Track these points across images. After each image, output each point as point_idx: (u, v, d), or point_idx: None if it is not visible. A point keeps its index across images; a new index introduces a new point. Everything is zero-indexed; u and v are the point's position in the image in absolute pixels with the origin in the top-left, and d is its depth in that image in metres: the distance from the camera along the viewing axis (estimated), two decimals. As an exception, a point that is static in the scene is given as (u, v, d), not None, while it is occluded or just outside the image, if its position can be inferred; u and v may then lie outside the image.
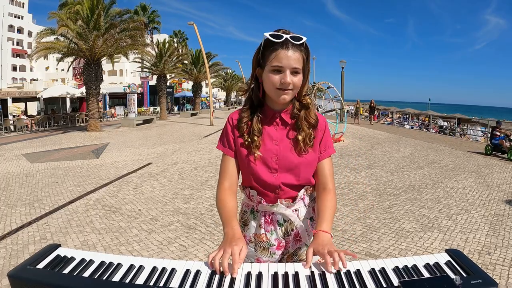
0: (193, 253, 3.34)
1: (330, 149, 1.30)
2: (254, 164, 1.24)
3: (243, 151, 1.26)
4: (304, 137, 1.23)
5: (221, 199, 1.25)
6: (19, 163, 8.14)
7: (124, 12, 16.09)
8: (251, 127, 1.24)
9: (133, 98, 22.52)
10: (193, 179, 6.38)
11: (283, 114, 1.26)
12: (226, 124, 1.32)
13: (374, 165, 7.70)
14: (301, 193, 1.28)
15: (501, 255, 3.25)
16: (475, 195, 5.31)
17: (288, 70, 1.14)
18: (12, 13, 46.22)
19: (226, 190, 1.26)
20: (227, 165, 1.29)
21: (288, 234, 1.31)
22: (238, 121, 1.27)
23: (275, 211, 1.29)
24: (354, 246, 3.47)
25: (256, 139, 1.23)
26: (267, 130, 1.25)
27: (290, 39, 1.14)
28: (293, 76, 1.16)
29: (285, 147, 1.24)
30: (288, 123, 1.26)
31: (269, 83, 1.18)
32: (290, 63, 1.14)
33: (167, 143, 11.63)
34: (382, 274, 0.92)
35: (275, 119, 1.26)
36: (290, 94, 1.18)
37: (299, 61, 1.15)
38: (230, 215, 1.20)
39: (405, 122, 24.23)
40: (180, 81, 41.86)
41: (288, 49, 1.14)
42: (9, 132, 16.84)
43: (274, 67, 1.15)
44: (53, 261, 0.96)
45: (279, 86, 1.16)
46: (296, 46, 1.15)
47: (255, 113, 1.26)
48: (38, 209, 4.71)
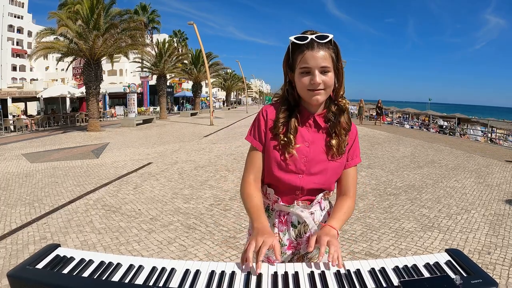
0: (193, 253, 3.34)
1: (357, 158, 1.30)
2: (282, 163, 1.22)
3: (275, 149, 1.24)
4: (339, 143, 1.22)
5: (248, 193, 1.24)
6: (19, 163, 8.13)
7: (124, 12, 16.08)
8: (288, 127, 1.22)
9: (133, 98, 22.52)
10: (193, 179, 6.38)
11: (317, 116, 1.24)
12: (259, 117, 1.29)
13: (374, 164, 7.69)
14: (319, 197, 1.27)
15: (501, 254, 3.25)
16: (475, 194, 5.31)
17: (316, 70, 1.13)
18: (12, 13, 46.23)
19: (251, 184, 1.25)
20: (254, 159, 1.28)
21: (301, 236, 1.30)
22: (274, 120, 1.25)
23: (291, 212, 1.27)
24: (354, 246, 3.47)
25: (292, 138, 1.21)
26: (300, 131, 1.24)
27: (315, 38, 1.13)
28: (323, 76, 1.14)
29: (315, 150, 1.23)
30: (321, 126, 1.24)
31: (300, 85, 1.18)
32: (317, 62, 1.13)
33: (167, 143, 11.63)
34: (382, 274, 0.92)
35: (309, 121, 1.25)
36: (322, 94, 1.16)
37: (327, 59, 1.14)
38: (259, 209, 1.20)
39: (405, 121, 24.23)
40: (180, 81, 41.89)
41: (313, 49, 1.13)
42: (9, 132, 16.83)
43: (302, 68, 1.15)
44: (53, 261, 0.96)
45: (310, 87, 1.15)
46: (322, 45, 1.14)
47: (292, 114, 1.24)
48: (38, 209, 4.71)
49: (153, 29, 49.96)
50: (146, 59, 24.36)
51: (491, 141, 15.64)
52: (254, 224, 1.15)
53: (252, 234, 1.11)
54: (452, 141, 13.26)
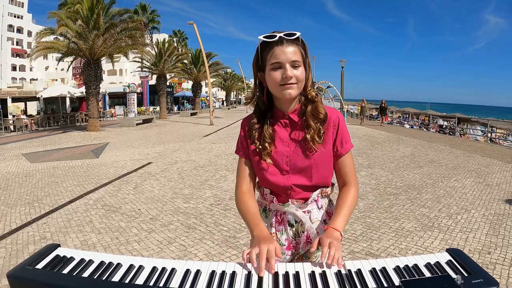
0: (193, 252, 3.34)
1: (347, 144, 1.26)
2: (266, 169, 1.24)
3: (255, 157, 1.27)
4: (312, 134, 1.21)
5: (243, 202, 1.25)
6: (19, 163, 8.13)
7: (123, 11, 16.08)
8: (262, 133, 1.24)
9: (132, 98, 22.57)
10: (193, 178, 6.38)
11: (291, 114, 1.24)
12: (240, 130, 1.35)
13: (374, 164, 7.69)
14: (315, 194, 1.26)
15: (501, 254, 3.25)
16: (475, 194, 5.31)
17: (287, 64, 1.14)
18: (12, 13, 46.19)
19: (245, 193, 1.28)
20: (243, 168, 1.31)
21: (299, 236, 1.29)
22: (248, 128, 1.28)
23: (286, 211, 1.28)
24: (354, 246, 3.47)
25: (267, 145, 1.22)
26: (277, 133, 1.25)
27: (284, 35, 1.15)
28: (294, 70, 1.15)
29: (295, 148, 1.23)
30: (297, 122, 1.24)
31: (271, 82, 1.18)
32: (288, 56, 1.14)
33: (167, 142, 11.62)
34: (383, 274, 0.92)
35: (285, 121, 1.25)
36: (295, 88, 1.17)
37: (297, 54, 1.15)
38: (256, 218, 1.20)
39: (405, 121, 24.23)
40: (179, 80, 41.86)
41: (283, 44, 1.15)
42: (9, 132, 16.83)
43: (273, 64, 1.16)
44: (53, 261, 0.96)
45: (282, 82, 1.15)
46: (291, 41, 1.16)
47: (265, 119, 1.25)
48: (38, 208, 4.71)
49: (153, 29, 49.99)
50: (146, 59, 24.35)
51: (491, 141, 15.65)
52: (253, 232, 1.14)
53: (254, 241, 1.10)
54: (452, 140, 13.26)
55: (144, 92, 33.47)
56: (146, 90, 33.48)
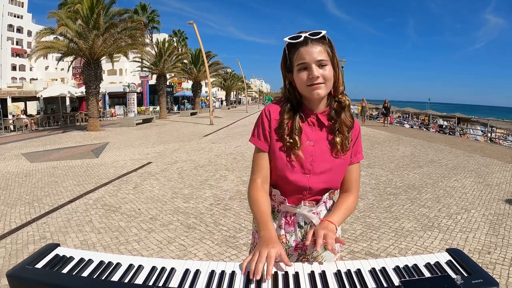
0: (192, 252, 3.34)
1: (359, 155, 1.30)
2: (288, 164, 1.21)
3: (278, 149, 1.22)
4: (343, 140, 1.21)
5: (255, 198, 1.20)
6: (19, 163, 8.13)
7: (123, 11, 16.07)
8: (292, 127, 1.21)
9: (132, 98, 22.56)
10: (193, 178, 6.38)
11: (320, 114, 1.23)
12: (262, 117, 1.26)
13: (373, 164, 7.69)
14: (325, 196, 1.26)
15: (501, 254, 3.25)
16: (475, 194, 5.31)
17: (313, 64, 1.13)
18: (12, 13, 46.16)
19: (259, 188, 1.22)
20: (261, 160, 1.24)
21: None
22: (279, 121, 1.23)
23: (298, 213, 1.26)
24: (354, 245, 3.47)
25: (298, 139, 1.20)
26: (304, 130, 1.23)
27: (309, 35, 1.14)
28: (321, 69, 1.14)
29: (320, 149, 1.22)
30: (325, 124, 1.23)
31: (299, 83, 1.18)
32: (313, 56, 1.13)
33: (167, 142, 11.62)
34: (383, 274, 0.92)
35: (312, 119, 1.24)
36: (323, 88, 1.16)
37: (323, 53, 1.14)
38: (266, 216, 1.16)
39: (405, 121, 24.23)
40: (179, 80, 41.83)
41: (307, 44, 1.14)
42: (9, 132, 16.82)
43: (299, 65, 1.16)
44: (52, 261, 0.96)
45: (309, 82, 1.15)
46: (316, 40, 1.15)
47: (296, 113, 1.23)
48: (37, 208, 4.71)
49: (152, 28, 49.97)
50: (146, 58, 24.34)
51: (491, 141, 15.64)
52: (260, 232, 1.11)
53: (258, 243, 1.08)
54: (452, 140, 13.26)
55: (144, 92, 33.45)
56: (146, 90, 33.47)
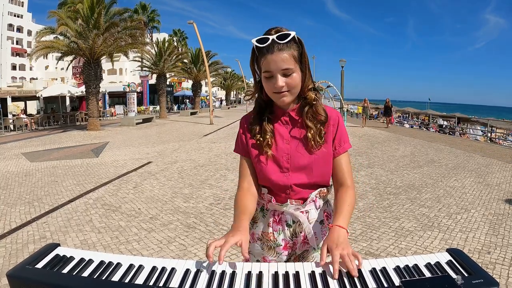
0: (192, 252, 3.34)
1: (345, 144, 1.26)
2: (265, 164, 1.23)
3: (254, 152, 1.26)
4: (313, 134, 1.21)
5: (239, 196, 1.25)
6: (19, 162, 8.13)
7: (123, 11, 16.06)
8: (262, 128, 1.24)
9: (132, 97, 22.52)
10: (193, 178, 6.38)
11: (291, 111, 1.24)
12: (239, 128, 1.34)
13: (373, 164, 7.69)
14: (313, 195, 1.25)
15: (501, 254, 3.25)
16: (475, 194, 5.31)
17: (278, 73, 1.12)
18: (12, 12, 46.14)
19: (244, 191, 1.26)
20: (244, 166, 1.30)
21: (296, 236, 1.29)
22: (249, 123, 1.28)
23: (285, 211, 1.27)
24: (354, 245, 3.46)
25: (267, 137, 1.22)
26: (278, 130, 1.25)
27: (276, 39, 1.10)
28: (286, 78, 1.14)
29: (296, 146, 1.23)
30: (297, 120, 1.24)
31: (266, 89, 1.19)
32: (278, 66, 1.11)
33: (167, 142, 11.62)
34: (383, 274, 0.91)
35: (285, 118, 1.25)
36: (288, 96, 1.17)
37: (289, 60, 1.12)
38: (241, 210, 1.19)
39: (405, 121, 24.24)
40: (179, 80, 41.82)
41: (273, 51, 1.11)
42: (9, 131, 16.82)
43: (265, 73, 1.15)
44: (52, 261, 0.96)
45: (274, 90, 1.15)
46: (283, 45, 1.11)
47: (264, 115, 1.25)
48: (37, 208, 4.71)
49: (153, 28, 49.95)
50: (146, 58, 24.34)
51: (491, 141, 15.64)
52: (233, 224, 1.15)
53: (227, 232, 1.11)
54: (452, 140, 13.26)
55: (144, 92, 33.43)
56: (146, 90, 33.45)
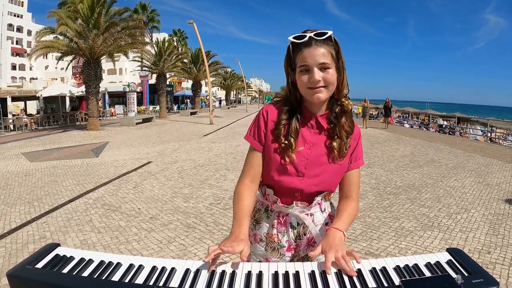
0: (192, 252, 3.34)
1: (360, 160, 1.27)
2: (282, 166, 1.19)
3: (275, 152, 1.21)
4: (341, 146, 1.19)
5: (239, 193, 1.21)
6: (19, 162, 8.13)
7: (123, 10, 16.05)
8: (289, 129, 1.19)
9: (132, 97, 22.53)
10: (193, 178, 6.38)
11: (320, 117, 1.21)
12: (259, 117, 1.25)
13: (373, 164, 7.69)
14: (319, 198, 1.24)
15: (501, 254, 3.25)
16: (475, 194, 5.31)
17: (315, 67, 1.10)
18: (12, 12, 46.10)
19: (246, 185, 1.22)
20: (253, 160, 1.24)
21: (300, 238, 1.27)
22: (276, 122, 1.21)
23: (290, 213, 1.25)
24: (354, 245, 3.47)
25: (293, 142, 1.17)
26: (302, 133, 1.21)
27: (314, 36, 1.10)
28: (323, 72, 1.11)
29: (316, 152, 1.20)
30: (324, 127, 1.21)
31: (300, 84, 1.16)
32: (315, 59, 1.10)
33: (167, 142, 11.62)
34: (383, 274, 0.92)
35: (311, 122, 1.21)
36: (324, 92, 1.13)
37: (326, 56, 1.10)
38: (243, 213, 1.15)
39: (405, 121, 24.24)
40: (179, 80, 41.81)
41: (311, 46, 1.10)
42: (9, 131, 16.81)
43: (301, 67, 1.13)
44: (52, 261, 0.96)
45: (309, 85, 1.12)
46: (321, 42, 1.10)
47: (294, 115, 1.20)
48: (37, 208, 4.71)
49: (152, 28, 49.92)
50: (146, 58, 24.31)
51: (491, 141, 15.65)
52: (232, 228, 1.11)
53: (227, 237, 1.09)
54: (451, 140, 13.26)
55: (144, 91, 33.42)
56: (146, 89, 33.44)
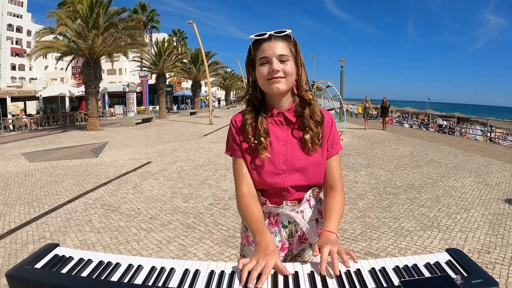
0: (192, 252, 3.34)
1: (337, 146, 1.26)
2: (261, 167, 1.20)
3: (249, 154, 1.22)
4: (312, 136, 1.19)
5: (246, 206, 1.18)
6: (18, 162, 8.12)
7: (123, 10, 16.05)
8: (256, 128, 1.20)
9: (132, 97, 22.52)
10: (192, 178, 6.38)
11: (287, 112, 1.22)
12: (230, 128, 1.28)
13: (373, 164, 7.70)
14: (307, 194, 1.25)
15: (500, 254, 3.25)
16: (475, 194, 5.31)
17: (274, 58, 1.13)
18: (11, 12, 46.09)
19: (247, 196, 1.21)
20: (240, 168, 1.24)
21: (292, 236, 1.28)
22: (242, 124, 1.23)
23: (280, 213, 1.26)
24: (354, 245, 3.47)
25: (263, 140, 1.18)
26: (272, 131, 1.22)
27: (273, 33, 1.15)
28: (282, 64, 1.14)
29: (292, 148, 1.21)
30: (293, 121, 1.22)
31: (260, 77, 1.17)
32: (275, 51, 1.13)
33: (166, 142, 11.62)
34: (383, 274, 0.91)
35: (279, 118, 1.22)
36: (283, 82, 1.15)
37: (285, 49, 1.15)
38: (260, 222, 1.13)
39: (405, 121, 24.25)
40: (179, 80, 41.81)
41: (271, 40, 1.15)
42: (8, 131, 16.81)
43: (261, 59, 1.16)
44: (51, 261, 0.95)
45: (269, 76, 1.14)
46: (280, 37, 1.15)
47: (258, 114, 1.22)
48: (37, 208, 4.71)
49: (152, 28, 49.84)
50: (146, 58, 24.33)
51: (491, 141, 15.65)
52: (256, 238, 1.07)
53: (255, 250, 1.03)
54: (451, 140, 13.26)
55: (144, 92, 33.42)
56: (145, 90, 33.44)
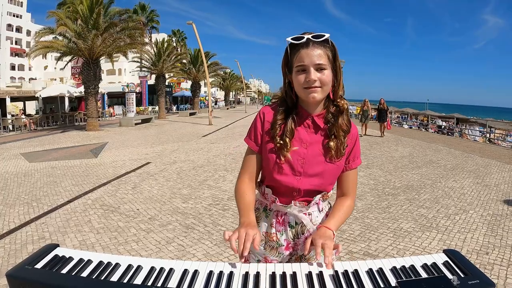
0: (191, 252, 3.34)
1: (358, 160, 1.29)
2: (279, 165, 1.22)
3: (271, 152, 1.24)
4: (338, 145, 1.21)
5: (241, 190, 1.27)
6: (18, 163, 8.12)
7: (123, 11, 16.05)
8: (285, 129, 1.21)
9: (131, 98, 22.47)
10: (192, 178, 6.38)
11: (316, 117, 1.22)
12: (256, 119, 1.29)
13: (372, 164, 7.70)
14: (317, 198, 1.26)
15: (499, 255, 3.26)
16: (474, 195, 5.32)
17: (311, 67, 1.12)
18: (11, 12, 46.08)
19: (246, 183, 1.29)
20: (250, 160, 1.30)
21: (298, 237, 1.30)
22: (272, 122, 1.24)
23: (288, 212, 1.28)
24: (353, 246, 3.47)
25: (288, 141, 1.20)
26: (298, 132, 1.23)
27: (311, 38, 1.13)
28: (319, 73, 1.14)
29: (313, 152, 1.22)
30: (321, 127, 1.23)
31: (296, 84, 1.18)
32: (312, 59, 1.12)
33: (166, 142, 11.62)
34: (380, 274, 0.92)
35: (308, 122, 1.23)
36: (319, 92, 1.15)
37: (323, 57, 1.13)
38: (248, 206, 1.23)
39: (404, 121, 24.26)
40: (178, 80, 41.79)
41: (308, 47, 1.13)
42: (8, 132, 16.79)
43: (298, 67, 1.15)
44: (51, 261, 0.96)
45: (305, 85, 1.15)
46: (318, 43, 1.14)
47: (290, 115, 1.23)
48: (36, 208, 4.70)
49: (152, 28, 49.83)
50: (145, 58, 24.32)
51: (490, 141, 15.66)
52: (241, 219, 1.19)
53: (239, 226, 1.15)
54: (450, 141, 13.28)
55: (143, 92, 33.40)
56: (145, 90, 33.42)
